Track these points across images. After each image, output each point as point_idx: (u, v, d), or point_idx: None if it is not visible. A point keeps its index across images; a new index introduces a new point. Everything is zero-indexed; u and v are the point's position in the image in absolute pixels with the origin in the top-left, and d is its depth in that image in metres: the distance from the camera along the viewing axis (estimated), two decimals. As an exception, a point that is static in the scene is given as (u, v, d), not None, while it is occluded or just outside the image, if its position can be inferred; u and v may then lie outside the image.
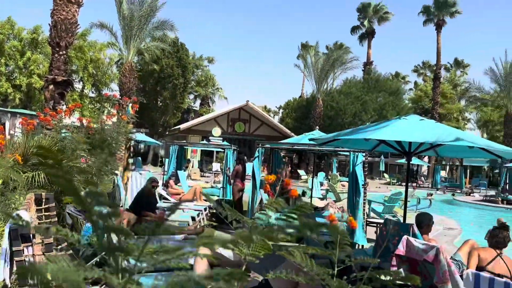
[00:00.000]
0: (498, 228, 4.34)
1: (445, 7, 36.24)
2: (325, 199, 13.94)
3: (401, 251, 3.82)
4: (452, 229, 11.43)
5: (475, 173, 39.22)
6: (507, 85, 29.34)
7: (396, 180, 33.29)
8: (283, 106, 57.33)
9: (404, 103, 37.27)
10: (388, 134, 4.54)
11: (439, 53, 36.64)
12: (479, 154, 5.41)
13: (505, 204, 19.89)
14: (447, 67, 51.77)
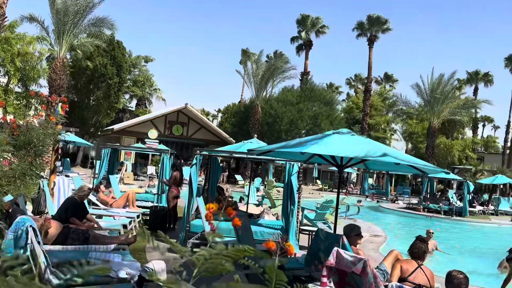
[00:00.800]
0: (418, 240, 4.65)
1: (377, 23, 38.48)
2: (260, 205, 14.10)
3: (331, 262, 3.96)
4: (378, 236, 12.07)
5: (400, 181, 41.90)
6: (431, 100, 31.77)
7: (328, 186, 34.61)
8: (223, 110, 57.35)
9: (337, 113, 38.89)
10: (323, 148, 4.73)
11: (370, 67, 38.77)
12: (405, 169, 5.79)
13: (425, 212, 21.45)
14: (377, 81, 54.97)
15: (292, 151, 5.45)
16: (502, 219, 21.49)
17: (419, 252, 4.47)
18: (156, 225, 9.24)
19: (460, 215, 20.64)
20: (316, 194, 27.44)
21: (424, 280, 4.15)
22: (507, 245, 14.63)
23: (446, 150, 39.91)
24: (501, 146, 49.67)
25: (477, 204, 23.61)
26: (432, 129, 32.30)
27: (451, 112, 32.90)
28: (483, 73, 50.13)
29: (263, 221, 8.59)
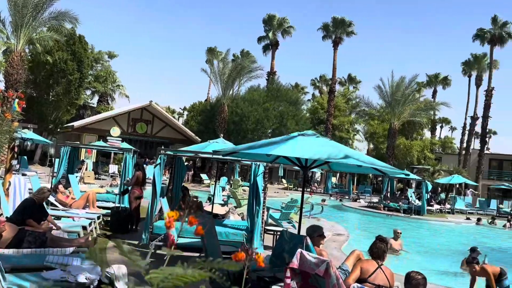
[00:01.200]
0: (378, 240, 4.75)
1: (342, 26, 39.23)
2: (226, 205, 14.07)
3: (295, 264, 4.00)
4: (340, 234, 12.32)
5: (362, 180, 43.01)
6: (392, 102, 32.76)
7: (293, 185, 35.01)
8: (189, 108, 56.73)
9: (303, 113, 39.39)
10: (288, 151, 4.77)
11: (335, 68, 39.49)
12: (366, 169, 5.94)
13: (386, 210, 22.11)
14: (341, 82, 56.11)
15: (258, 153, 5.47)
16: (458, 218, 22.48)
17: (379, 252, 4.56)
18: (118, 227, 9.02)
19: (419, 214, 21.41)
20: (281, 193, 27.69)
21: (384, 281, 4.26)
22: (464, 243, 15.38)
23: (406, 150, 41.30)
24: (457, 147, 51.96)
25: (434, 203, 24.56)
26: (392, 130, 33.32)
27: (411, 114, 34.07)
28: (442, 76, 52.20)
29: (228, 222, 8.56)
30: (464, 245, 14.76)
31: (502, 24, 38.75)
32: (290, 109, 34.70)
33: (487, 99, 38.75)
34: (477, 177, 37.52)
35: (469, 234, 18.20)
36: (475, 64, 45.27)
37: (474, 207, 27.93)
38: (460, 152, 45.82)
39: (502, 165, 42.73)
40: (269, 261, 5.58)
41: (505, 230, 19.48)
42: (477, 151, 40.29)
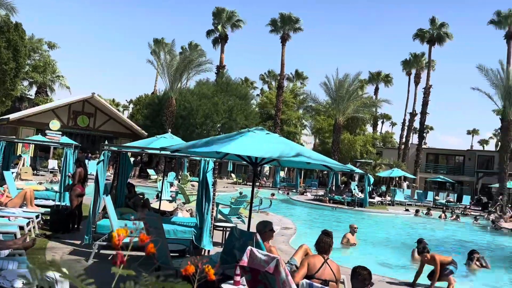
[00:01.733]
0: (324, 234, 4.84)
1: (289, 22, 39.72)
2: (174, 201, 13.82)
3: (245, 261, 3.99)
4: (288, 228, 12.53)
5: (309, 174, 44.08)
6: (337, 98, 33.77)
7: (243, 179, 35.16)
8: (134, 101, 55.01)
9: (252, 107, 39.56)
10: (238, 148, 4.74)
11: (283, 64, 39.96)
12: (315, 166, 6.06)
13: (331, 203, 22.83)
14: (289, 78, 56.96)
15: (207, 151, 5.38)
16: (398, 209, 23.70)
17: (325, 246, 4.65)
18: (58, 226, 8.56)
19: (361, 206, 22.30)
20: (230, 187, 27.68)
21: (330, 275, 4.36)
22: (404, 234, 16.21)
23: (350, 145, 42.85)
24: (397, 142, 54.64)
25: (376, 196, 25.73)
26: (337, 125, 34.39)
27: (354, 110, 35.34)
28: (384, 74, 54.53)
29: (176, 219, 8.40)
30: (405, 235, 15.66)
31: (440, 25, 41.11)
32: (240, 104, 34.71)
33: (425, 97, 41.01)
34: (415, 170, 39.72)
35: (409, 225, 19.25)
36: (414, 63, 47.69)
37: (413, 198, 29.60)
38: (399, 147, 48.24)
39: (438, 159, 45.60)
40: (220, 258, 5.54)
41: (441, 221, 20.81)
42: (415, 146, 42.61)
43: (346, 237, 11.43)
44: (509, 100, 27.67)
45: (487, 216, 22.58)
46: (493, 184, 32.70)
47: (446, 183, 38.76)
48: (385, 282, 7.16)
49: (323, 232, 5.00)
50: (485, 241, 15.57)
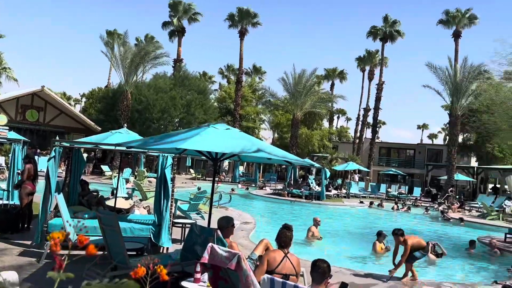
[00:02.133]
0: (284, 228, 4.86)
1: (247, 17, 39.69)
2: (130, 198, 13.45)
3: (205, 258, 3.94)
4: (248, 223, 12.56)
5: (268, 169, 44.41)
6: (295, 94, 34.17)
7: (202, 175, 34.85)
8: (87, 95, 52.98)
9: (211, 102, 39.23)
10: (199, 144, 4.65)
11: (241, 58, 39.90)
12: (275, 161, 6.09)
13: (289, 197, 23.14)
14: (248, 72, 57.00)
15: (167, 147, 5.24)
16: (353, 201, 24.42)
17: (287, 240, 4.68)
18: (7, 226, 8.09)
19: (319, 199, 22.78)
20: (189, 183, 27.37)
21: (291, 269, 4.40)
22: (360, 225, 16.68)
23: (307, 139, 43.59)
24: (352, 136, 56.23)
25: (332, 189, 26.36)
26: (295, 120, 34.84)
27: (312, 105, 35.93)
28: (339, 70, 55.82)
29: (133, 216, 8.17)
30: (362, 227, 16.16)
31: (392, 23, 42.56)
32: (198, 98, 34.30)
33: (378, 92, 42.41)
34: (369, 163, 41.04)
35: (364, 217, 19.89)
36: (368, 60, 49.16)
37: (367, 191, 30.61)
38: (354, 141, 49.66)
39: (390, 152, 47.37)
40: (180, 255, 5.45)
41: (394, 212, 21.66)
42: (369, 140, 44.00)
43: (311, 231, 11.60)
44: (456, 96, 29.11)
45: (436, 207, 23.74)
46: (441, 177, 34.41)
47: (397, 176, 40.36)
48: (343, 274, 7.34)
49: (284, 226, 5.03)
50: (436, 231, 16.37)
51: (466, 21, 35.83)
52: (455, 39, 35.37)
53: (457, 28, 35.67)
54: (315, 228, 11.67)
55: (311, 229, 11.65)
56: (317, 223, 11.78)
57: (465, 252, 11.42)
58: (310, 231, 11.61)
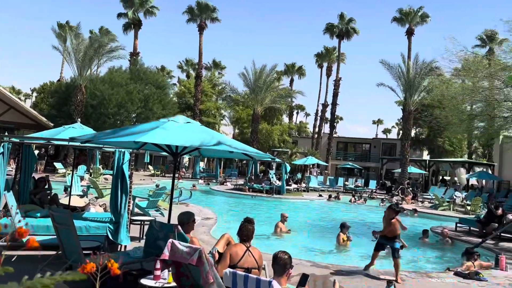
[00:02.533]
0: (246, 222, 4.83)
1: (206, 11, 39.26)
2: (86, 196, 12.97)
3: (166, 255, 3.85)
4: (209, 218, 12.46)
5: (228, 164, 44.31)
6: (255, 89, 34.24)
7: (161, 171, 34.21)
8: (38, 89, 50.58)
9: (169, 97, 38.55)
10: (158, 137, 4.51)
11: (200, 53, 39.47)
12: (236, 155, 6.03)
13: (251, 192, 23.21)
14: (207, 67, 56.48)
15: (124, 140, 5.06)
16: (312, 195, 24.85)
17: (249, 234, 4.66)
18: None
19: (279, 193, 22.99)
20: (148, 180, 26.79)
21: (253, 263, 4.39)
22: (320, 217, 16.97)
23: (268, 134, 43.83)
24: (310, 131, 57.19)
25: (292, 183, 26.69)
26: (256, 115, 34.95)
27: (272, 100, 36.18)
28: (298, 66, 56.48)
29: (88, 214, 7.87)
30: (322, 219, 16.48)
31: (348, 20, 43.53)
32: (156, 93, 33.57)
33: (335, 88, 43.31)
34: (327, 158, 41.92)
35: (323, 209, 20.29)
36: (326, 56, 50.07)
37: (325, 184, 31.26)
38: (313, 136, 50.54)
39: (347, 147, 48.60)
40: (144, 252, 5.30)
41: (351, 204, 22.26)
42: (327, 135, 44.92)
43: (279, 226, 11.62)
44: (409, 92, 30.26)
45: (389, 199, 24.63)
46: (395, 169, 35.73)
47: (354, 169, 41.55)
48: (304, 265, 7.43)
49: (245, 219, 5.00)
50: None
51: (418, 19, 37.23)
52: (408, 37, 36.68)
53: (410, 26, 36.99)
54: (282, 224, 11.69)
55: (278, 225, 11.66)
56: (284, 218, 11.80)
57: (419, 241, 11.90)
58: (278, 227, 11.62)
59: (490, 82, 13.64)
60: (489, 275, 7.72)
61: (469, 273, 7.58)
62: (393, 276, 7.08)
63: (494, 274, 7.88)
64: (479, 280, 7.38)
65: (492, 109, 13.85)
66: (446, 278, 7.45)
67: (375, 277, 7.17)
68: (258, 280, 3.18)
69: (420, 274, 7.78)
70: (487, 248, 10.54)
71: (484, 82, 13.85)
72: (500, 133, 20.19)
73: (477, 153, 45.38)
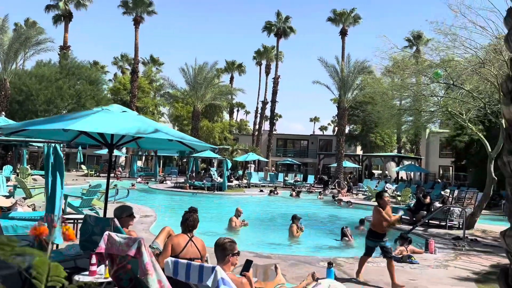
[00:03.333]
0: (191, 212, 4.71)
1: (142, 4, 37.99)
2: (12, 196, 12.02)
3: (102, 248, 3.63)
4: (148, 216, 12.10)
5: (168, 162, 43.40)
6: (195, 85, 33.80)
7: (95, 171, 32.69)
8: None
9: (104, 93, 36.94)
10: (91, 125, 4.24)
11: (137, 48, 38.16)
12: (176, 146, 5.87)
13: (192, 189, 22.90)
14: (144, 63, 54.83)
15: (51, 128, 4.67)
16: (253, 190, 25.06)
17: (194, 224, 4.54)
18: None
19: (221, 190, 22.92)
20: (81, 180, 25.44)
21: (196, 253, 4.29)
22: (264, 211, 17.13)
23: (209, 132, 43.54)
24: (251, 128, 57.64)
25: (234, 179, 26.73)
26: (196, 112, 34.55)
27: (212, 97, 35.96)
28: (238, 63, 56.59)
29: (16, 214, 7.29)
30: (265, 213, 16.65)
31: (285, 19, 44.35)
32: (89, 88, 32.00)
33: (274, 86, 43.97)
34: (268, 154, 42.50)
35: (265, 203, 20.54)
36: (265, 54, 50.65)
37: (266, 180, 31.67)
38: (253, 133, 50.96)
39: (286, 143, 49.60)
40: (81, 247, 4.98)
41: (292, 198, 22.79)
42: (267, 132, 45.52)
43: (233, 221, 11.52)
44: (344, 89, 31.50)
45: (324, 192, 25.58)
46: (331, 164, 37.07)
47: (293, 165, 42.52)
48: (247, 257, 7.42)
49: (190, 209, 4.83)
50: (329, 213, 17.57)
51: (351, 20, 38.83)
52: (342, 37, 38.14)
53: (343, 26, 38.47)
54: (236, 218, 11.61)
55: (232, 219, 11.58)
56: (238, 213, 11.73)
57: (355, 230, 12.41)
58: (232, 221, 11.53)
59: (418, 79, 14.57)
60: (420, 258, 8.22)
61: (402, 257, 8.03)
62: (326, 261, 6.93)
63: (424, 257, 8.41)
64: (411, 263, 7.85)
65: (420, 104, 14.80)
66: (381, 263, 7.82)
67: (318, 265, 7.34)
68: (201, 267, 3.10)
69: (357, 259, 8.10)
70: (417, 234, 11.23)
71: (412, 78, 14.77)
72: (427, 126, 21.68)
73: (405, 148, 48.40)
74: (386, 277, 6.62)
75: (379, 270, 7.21)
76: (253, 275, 4.53)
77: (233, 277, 3.56)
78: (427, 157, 39.26)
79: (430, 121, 16.67)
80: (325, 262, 7.40)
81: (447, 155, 36.54)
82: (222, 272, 3.13)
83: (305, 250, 9.23)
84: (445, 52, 12.33)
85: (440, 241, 10.16)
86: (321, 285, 3.96)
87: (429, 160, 39.16)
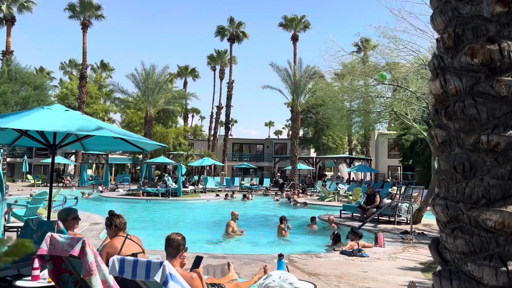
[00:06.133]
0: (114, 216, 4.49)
1: (90, 8, 36.80)
2: None
3: (44, 250, 3.47)
4: (98, 223, 11.71)
5: (120, 170, 42.15)
6: (146, 90, 33.11)
7: (42, 181, 31.16)
8: None
9: (50, 99, 35.35)
10: (29, 123, 4.03)
11: (85, 52, 36.87)
12: (124, 147, 5.71)
13: (145, 196, 22.37)
14: (93, 68, 53.06)
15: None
16: (209, 195, 24.88)
17: (122, 225, 4.41)
18: None
19: (176, 195, 22.56)
20: (27, 190, 24.13)
21: (136, 247, 4.23)
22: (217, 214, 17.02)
23: (163, 137, 42.71)
24: (206, 134, 57.24)
25: (189, 185, 26.40)
26: (148, 117, 33.83)
27: (166, 102, 35.38)
28: (191, 68, 56.11)
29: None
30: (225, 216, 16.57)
31: (238, 24, 44.58)
32: (35, 94, 30.49)
33: (229, 91, 44.01)
34: (224, 159, 42.38)
35: (224, 207, 20.42)
36: (218, 59, 50.59)
37: (222, 184, 31.59)
38: (209, 138, 50.65)
39: (242, 148, 49.73)
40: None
41: (248, 201, 22.86)
42: (223, 137, 45.39)
43: (230, 226, 11.16)
44: (296, 93, 32.08)
45: (278, 193, 25.93)
46: (286, 167, 37.59)
47: (250, 169, 42.67)
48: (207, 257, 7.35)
49: (109, 213, 4.61)
50: (285, 214, 17.76)
51: (302, 26, 39.71)
52: (294, 42, 38.89)
53: (294, 32, 39.26)
54: (233, 222, 11.24)
55: (230, 223, 11.21)
56: (235, 217, 11.36)
57: (307, 228, 12.66)
58: (229, 226, 11.16)
59: (365, 81, 15.15)
60: (370, 251, 8.51)
61: (353, 251, 8.28)
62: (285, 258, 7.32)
63: (374, 251, 8.72)
64: (361, 256, 8.10)
65: (368, 105, 15.39)
66: (333, 257, 8.04)
67: (272, 262, 7.39)
68: (149, 262, 3.03)
69: (310, 255, 8.26)
70: (368, 230, 11.62)
71: (361, 81, 15.34)
72: (374, 127, 22.51)
73: (356, 150, 49.94)
74: (338, 270, 6.80)
75: (331, 264, 7.39)
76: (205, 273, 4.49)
77: (182, 272, 3.52)
78: (376, 158, 40.80)
79: (377, 121, 17.35)
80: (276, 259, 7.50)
81: (395, 155, 38.25)
82: (171, 267, 3.08)
83: (260, 249, 9.30)
84: (389, 55, 12.91)
85: (389, 236, 10.56)
86: (272, 276, 4.00)
87: (378, 160, 40.71)
